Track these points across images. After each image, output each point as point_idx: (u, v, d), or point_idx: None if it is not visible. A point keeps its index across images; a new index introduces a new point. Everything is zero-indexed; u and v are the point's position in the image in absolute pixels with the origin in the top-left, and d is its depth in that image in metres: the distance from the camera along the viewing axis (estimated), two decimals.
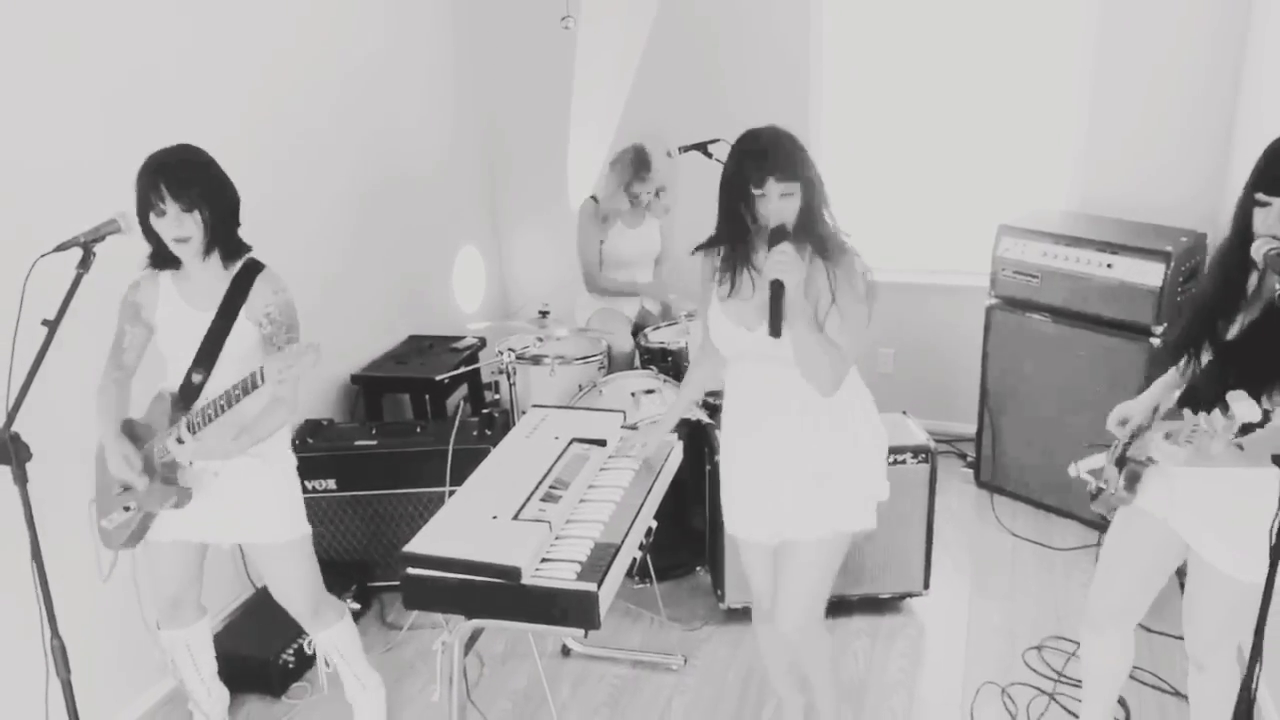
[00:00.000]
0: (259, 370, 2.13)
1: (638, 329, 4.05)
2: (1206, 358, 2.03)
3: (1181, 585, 2.25)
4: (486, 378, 4.30)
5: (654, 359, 3.72)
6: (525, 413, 2.91)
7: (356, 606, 3.32)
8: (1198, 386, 2.03)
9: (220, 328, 2.29)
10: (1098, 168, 4.04)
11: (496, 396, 3.87)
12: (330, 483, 3.34)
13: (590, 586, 2.03)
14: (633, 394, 3.47)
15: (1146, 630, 3.06)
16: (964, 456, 4.27)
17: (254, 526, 2.44)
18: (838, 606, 3.25)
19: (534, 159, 4.87)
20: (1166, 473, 2.10)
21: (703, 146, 3.84)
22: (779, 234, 2.10)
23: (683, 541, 3.49)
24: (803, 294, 2.11)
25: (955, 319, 4.33)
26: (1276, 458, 1.71)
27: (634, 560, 2.34)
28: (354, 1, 3.91)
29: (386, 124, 4.15)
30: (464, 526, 2.20)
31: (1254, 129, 3.45)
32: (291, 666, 3.01)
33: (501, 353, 3.53)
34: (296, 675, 3.04)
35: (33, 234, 2.14)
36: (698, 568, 3.55)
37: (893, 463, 3.11)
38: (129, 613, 2.84)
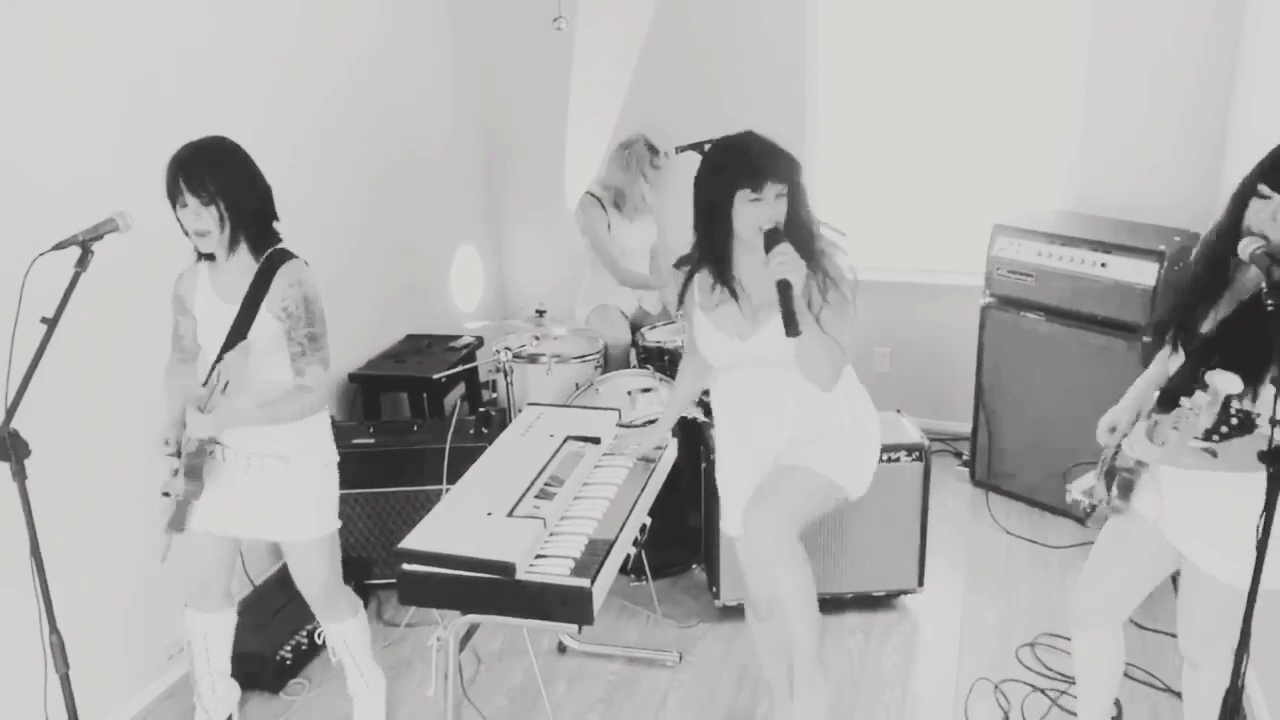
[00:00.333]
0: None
1: (635, 327, 4.06)
2: (1180, 359, 2.04)
3: (1175, 584, 2.26)
4: (484, 376, 4.32)
5: (650, 358, 3.74)
6: (521, 410, 2.93)
7: None
8: (1173, 387, 2.04)
9: (243, 320, 2.31)
10: (1092, 168, 4.06)
11: (494, 395, 3.89)
12: None
13: (584, 582, 2.05)
14: (629, 393, 3.48)
15: (1139, 627, 3.08)
16: (960, 455, 4.28)
17: (280, 524, 2.46)
18: (832, 604, 3.27)
19: (532, 159, 4.89)
20: (1156, 477, 2.12)
21: (700, 146, 3.85)
22: (774, 236, 2.13)
23: (678, 539, 3.51)
24: (803, 293, 2.15)
25: (951, 318, 4.35)
26: (1263, 454, 1.72)
27: (629, 557, 2.35)
28: (351, 2, 3.93)
29: (384, 123, 4.17)
30: (459, 523, 2.22)
31: (1247, 129, 3.47)
32: (290, 663, 3.03)
33: (499, 351, 3.54)
34: (295, 671, 3.06)
35: (32, 232, 2.16)
36: (693, 565, 3.56)
37: (887, 460, 3.14)
38: (131, 608, 2.87)
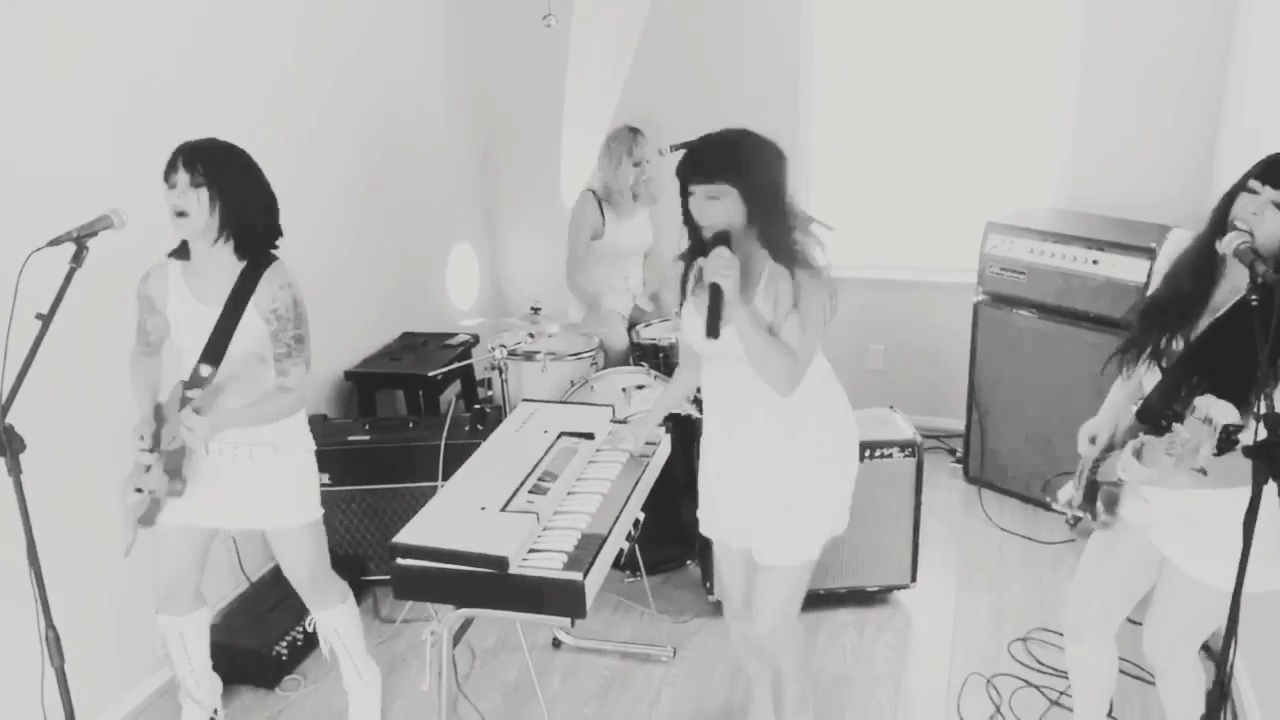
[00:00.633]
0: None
1: (632, 325, 4.08)
2: (1154, 376, 2.04)
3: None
4: (480, 374, 4.33)
5: (645, 355, 3.76)
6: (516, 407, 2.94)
7: None
8: (1151, 404, 2.03)
9: (227, 321, 2.30)
10: (1085, 165, 4.08)
11: (489, 393, 3.90)
12: (324, 477, 3.34)
13: (576, 576, 2.06)
14: (624, 389, 3.50)
15: (1132, 623, 3.09)
16: (953, 452, 4.30)
17: (265, 512, 2.48)
18: (825, 599, 3.29)
19: (527, 157, 4.90)
20: (1140, 485, 2.12)
21: (692, 145, 3.86)
22: (720, 238, 2.13)
23: (672, 535, 3.52)
24: (748, 293, 2.16)
25: (944, 316, 4.37)
26: (1247, 449, 1.73)
27: (622, 552, 2.37)
28: (347, 3, 3.93)
29: (380, 122, 4.18)
30: (453, 518, 2.23)
31: (1239, 127, 3.49)
32: (285, 659, 3.04)
33: (494, 349, 3.56)
34: (290, 667, 3.07)
35: (27, 228, 2.17)
36: (688, 561, 3.58)
37: (880, 457, 3.16)
38: (124, 605, 2.88)
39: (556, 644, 3.19)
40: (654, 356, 3.73)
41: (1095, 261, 3.59)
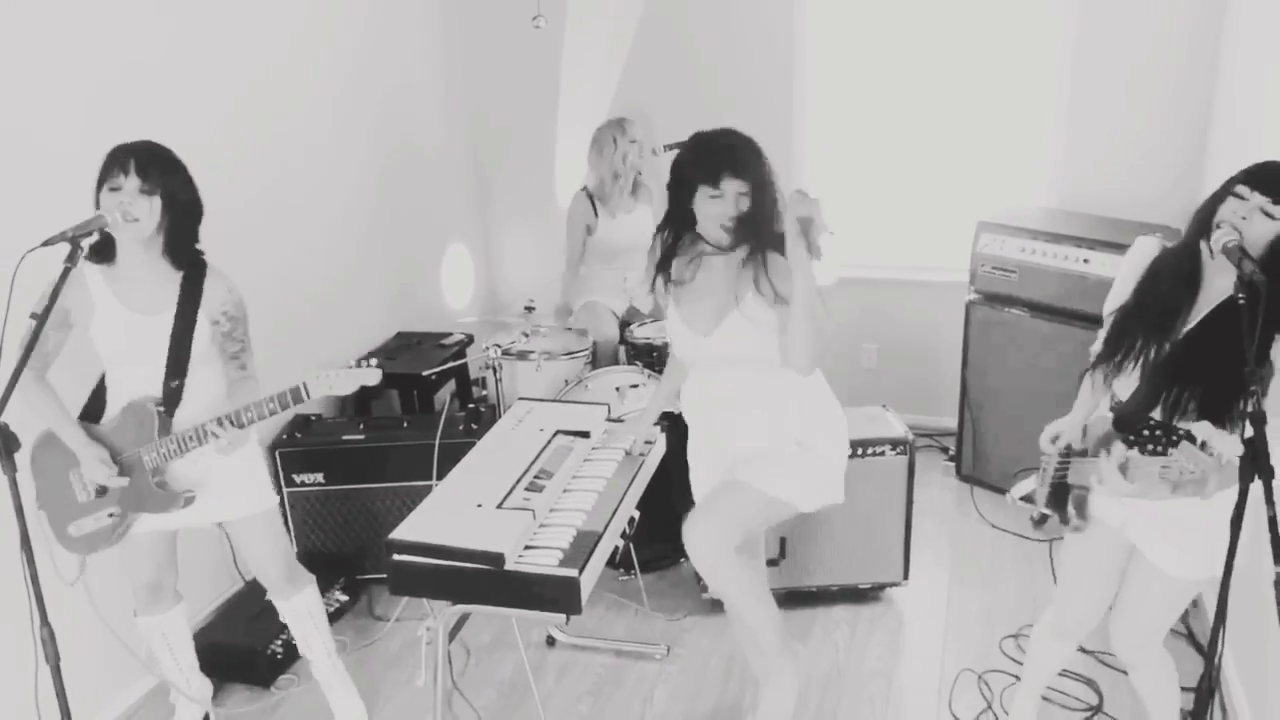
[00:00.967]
0: (302, 385, 2.21)
1: (626, 324, 4.08)
2: (1131, 382, 2.05)
3: None
4: (474, 373, 4.34)
5: (639, 354, 3.77)
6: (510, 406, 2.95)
7: (345, 599, 3.36)
8: (1127, 412, 2.06)
9: (183, 330, 2.28)
10: (1076, 165, 4.10)
11: (484, 392, 3.91)
12: (318, 476, 3.37)
13: (572, 572, 2.07)
14: (618, 388, 3.51)
15: None
16: (946, 450, 4.32)
17: (231, 504, 2.48)
18: (818, 596, 3.31)
19: (522, 158, 4.91)
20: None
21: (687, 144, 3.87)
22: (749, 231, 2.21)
23: (666, 534, 3.52)
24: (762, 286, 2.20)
25: (937, 315, 4.39)
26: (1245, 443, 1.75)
27: (617, 550, 2.38)
28: (342, 5, 3.94)
29: (376, 123, 4.18)
30: (449, 514, 2.25)
31: (1228, 127, 3.51)
32: (280, 657, 3.04)
33: (488, 348, 3.57)
34: (285, 666, 3.07)
35: (21, 228, 2.17)
36: (681, 559, 3.58)
37: (872, 455, 3.18)
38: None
39: (551, 642, 3.20)
40: (648, 355, 3.74)
41: (1086, 260, 3.61)
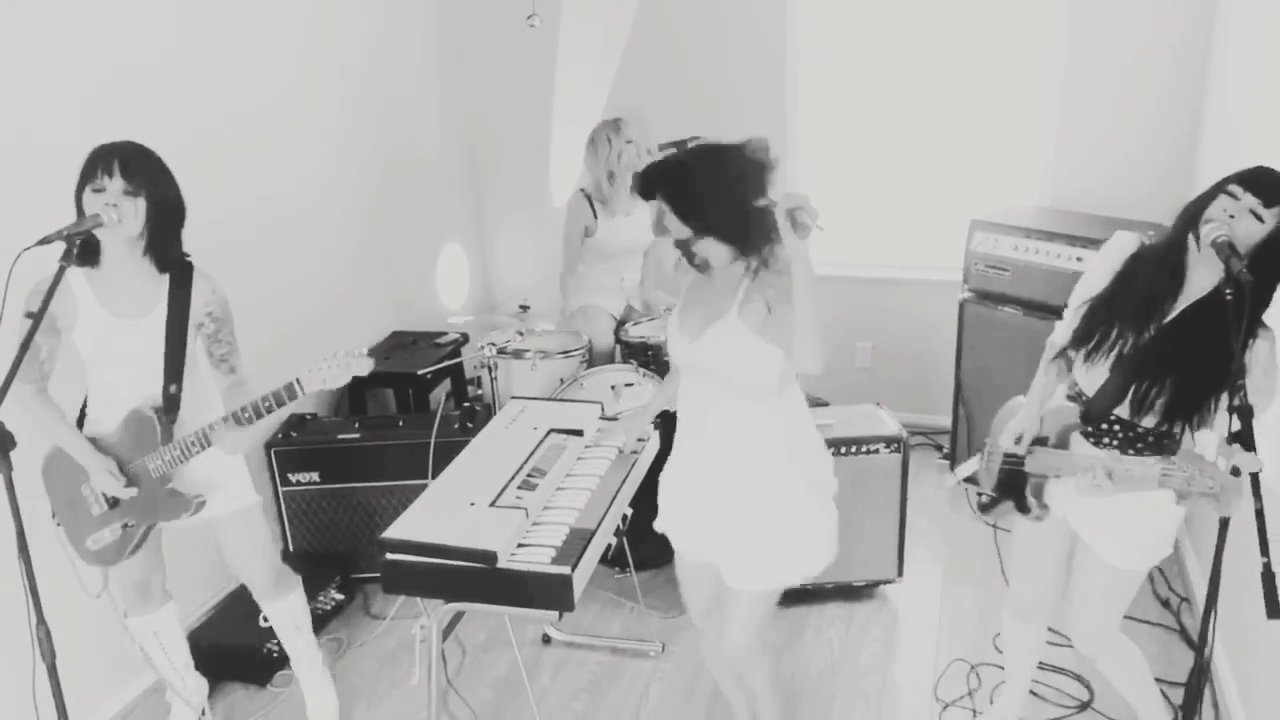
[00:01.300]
0: (296, 381, 2.16)
1: (621, 323, 4.09)
2: (1099, 373, 2.05)
3: None
4: (469, 372, 4.35)
5: (634, 353, 3.78)
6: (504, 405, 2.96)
7: (340, 598, 3.37)
8: (1094, 405, 2.06)
9: (176, 334, 2.27)
10: (1068, 163, 4.11)
11: (479, 391, 3.92)
12: (314, 475, 3.38)
13: (564, 570, 2.08)
14: (613, 387, 3.52)
15: None
16: (940, 448, 4.34)
17: (219, 500, 2.47)
18: (812, 594, 3.32)
19: (517, 157, 4.92)
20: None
21: (682, 144, 3.88)
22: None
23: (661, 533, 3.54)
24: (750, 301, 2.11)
25: (931, 313, 4.40)
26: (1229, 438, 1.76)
27: (611, 548, 2.39)
28: (339, 7, 3.95)
29: (371, 123, 4.19)
30: (442, 512, 2.26)
31: (1220, 124, 3.53)
32: (276, 655, 3.05)
33: (483, 347, 3.57)
34: (281, 664, 3.07)
35: (18, 228, 2.17)
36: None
37: (866, 453, 3.19)
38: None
39: (546, 640, 3.21)
40: (642, 354, 3.75)
41: (1079, 258, 3.62)
